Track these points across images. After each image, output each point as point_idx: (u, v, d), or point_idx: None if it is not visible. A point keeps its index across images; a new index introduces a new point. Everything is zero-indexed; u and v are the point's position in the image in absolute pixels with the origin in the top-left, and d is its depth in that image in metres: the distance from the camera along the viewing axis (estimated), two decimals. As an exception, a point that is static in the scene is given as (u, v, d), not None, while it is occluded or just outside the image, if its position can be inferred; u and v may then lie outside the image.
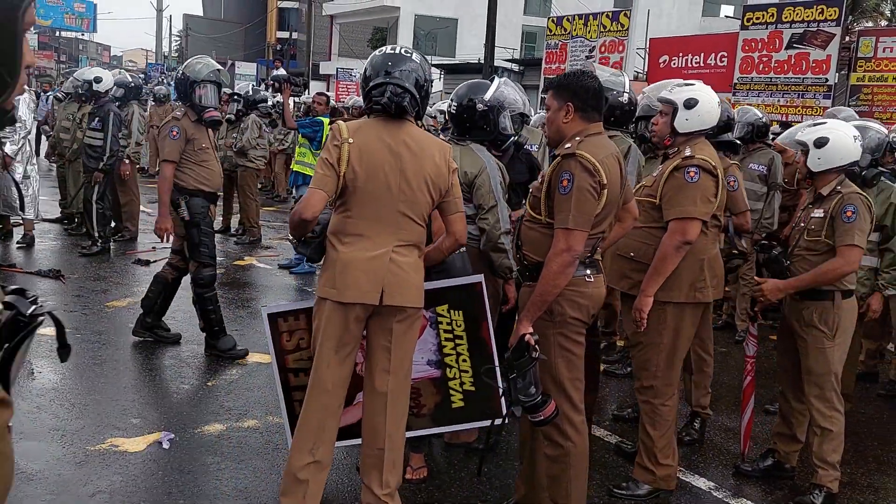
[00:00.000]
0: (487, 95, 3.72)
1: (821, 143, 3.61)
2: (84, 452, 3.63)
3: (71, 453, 3.62)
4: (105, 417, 4.04)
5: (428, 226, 3.02)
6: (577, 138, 2.91)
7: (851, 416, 4.72)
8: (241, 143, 9.15)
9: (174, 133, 4.87)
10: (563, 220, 2.83)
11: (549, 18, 20.82)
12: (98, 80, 7.96)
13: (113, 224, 8.36)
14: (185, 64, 5.17)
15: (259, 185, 9.55)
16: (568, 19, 19.75)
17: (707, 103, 3.52)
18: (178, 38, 62.70)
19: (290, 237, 3.08)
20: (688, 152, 3.43)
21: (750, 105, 10.28)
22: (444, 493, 3.55)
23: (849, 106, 14.03)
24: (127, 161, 8.57)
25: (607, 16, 19.00)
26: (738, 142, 5.08)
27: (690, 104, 3.49)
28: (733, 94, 16.05)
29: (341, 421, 3.35)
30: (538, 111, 9.83)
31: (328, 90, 35.93)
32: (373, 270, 2.83)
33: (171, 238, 5.13)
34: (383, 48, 3.02)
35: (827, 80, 14.72)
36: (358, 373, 3.22)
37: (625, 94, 4.50)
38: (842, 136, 3.62)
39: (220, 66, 5.10)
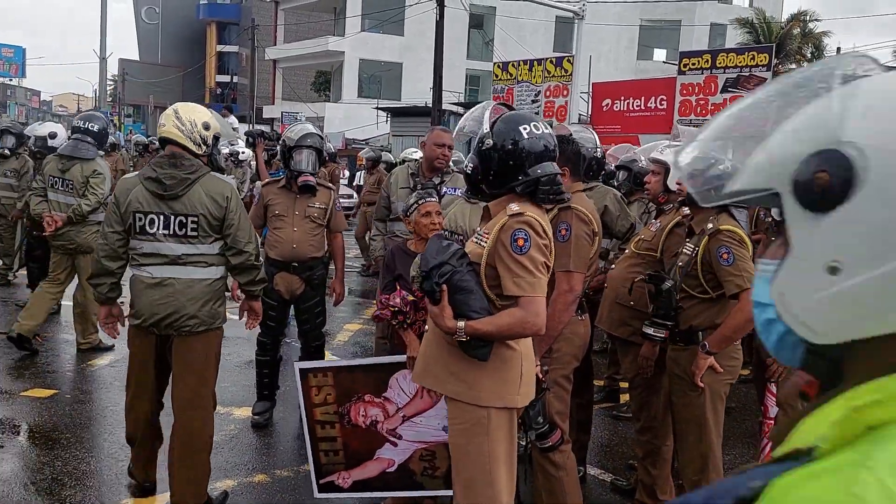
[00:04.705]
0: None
1: None
2: (102, 515, 3.67)
3: (89, 516, 3.65)
4: (116, 476, 4.07)
5: None
6: (567, 195, 3.22)
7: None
8: None
9: (256, 199, 4.96)
10: (563, 264, 3.14)
11: (494, 64, 21.40)
12: (53, 135, 7.67)
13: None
14: (286, 129, 5.17)
15: None
16: (513, 64, 20.35)
17: None
18: (111, 83, 61.81)
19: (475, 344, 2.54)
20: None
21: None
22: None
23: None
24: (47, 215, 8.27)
25: (551, 61, 19.66)
26: None
27: None
28: (674, 137, 16.81)
29: (359, 475, 3.55)
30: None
31: (272, 134, 36.01)
32: (533, 364, 2.75)
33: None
34: (528, 123, 2.68)
35: (760, 121, 15.57)
36: (377, 429, 3.43)
37: (598, 149, 4.84)
38: None
39: (317, 132, 5.01)
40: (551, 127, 2.79)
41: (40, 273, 7.44)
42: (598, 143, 4.87)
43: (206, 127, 3.54)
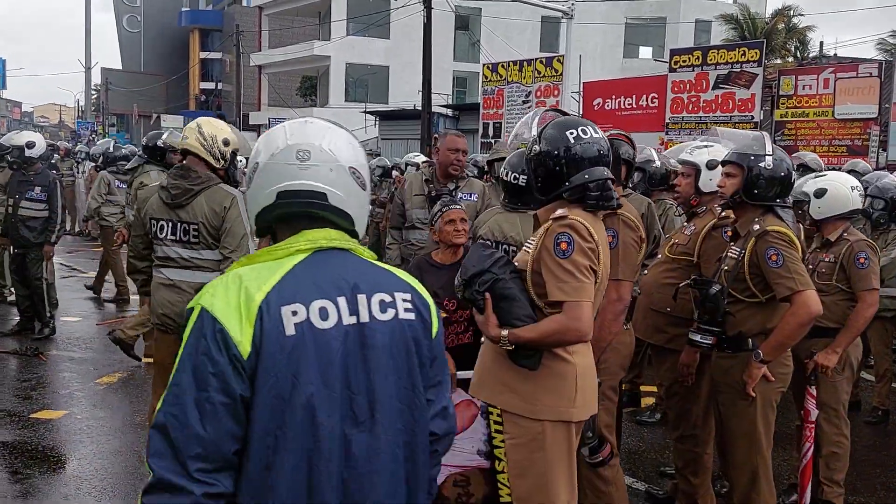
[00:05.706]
0: None
1: (820, 193, 3.91)
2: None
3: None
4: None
5: None
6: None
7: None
8: (88, 202, 9.27)
9: None
10: (612, 272, 2.98)
11: (484, 65, 21.33)
12: (31, 145, 7.31)
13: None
14: None
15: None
16: (503, 65, 20.28)
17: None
18: (94, 92, 61.24)
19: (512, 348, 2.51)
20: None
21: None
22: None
23: (774, 141, 14.91)
24: (125, 229, 7.82)
25: (541, 62, 19.62)
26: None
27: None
28: (666, 133, 16.80)
29: None
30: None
31: (260, 140, 35.75)
32: (595, 378, 2.62)
33: None
34: (576, 128, 2.60)
35: (753, 116, 15.52)
36: None
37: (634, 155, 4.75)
38: (838, 186, 3.93)
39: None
40: None
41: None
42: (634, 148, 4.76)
43: (226, 143, 3.82)
